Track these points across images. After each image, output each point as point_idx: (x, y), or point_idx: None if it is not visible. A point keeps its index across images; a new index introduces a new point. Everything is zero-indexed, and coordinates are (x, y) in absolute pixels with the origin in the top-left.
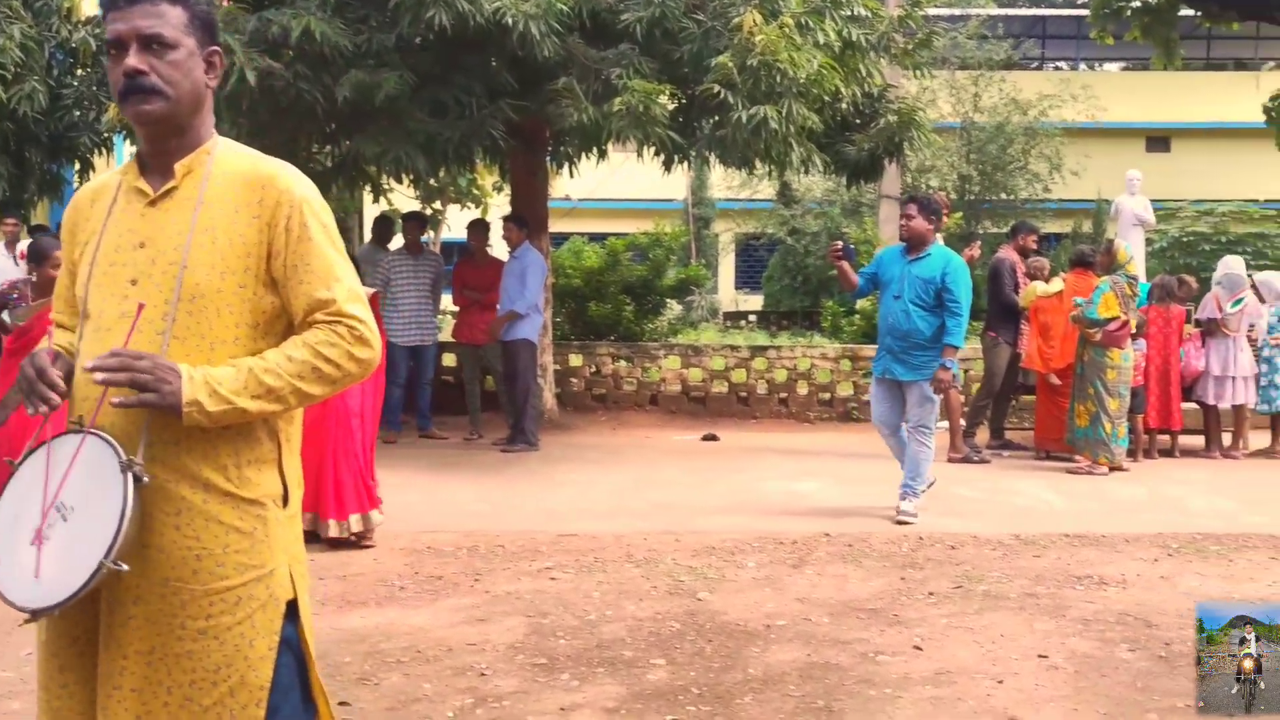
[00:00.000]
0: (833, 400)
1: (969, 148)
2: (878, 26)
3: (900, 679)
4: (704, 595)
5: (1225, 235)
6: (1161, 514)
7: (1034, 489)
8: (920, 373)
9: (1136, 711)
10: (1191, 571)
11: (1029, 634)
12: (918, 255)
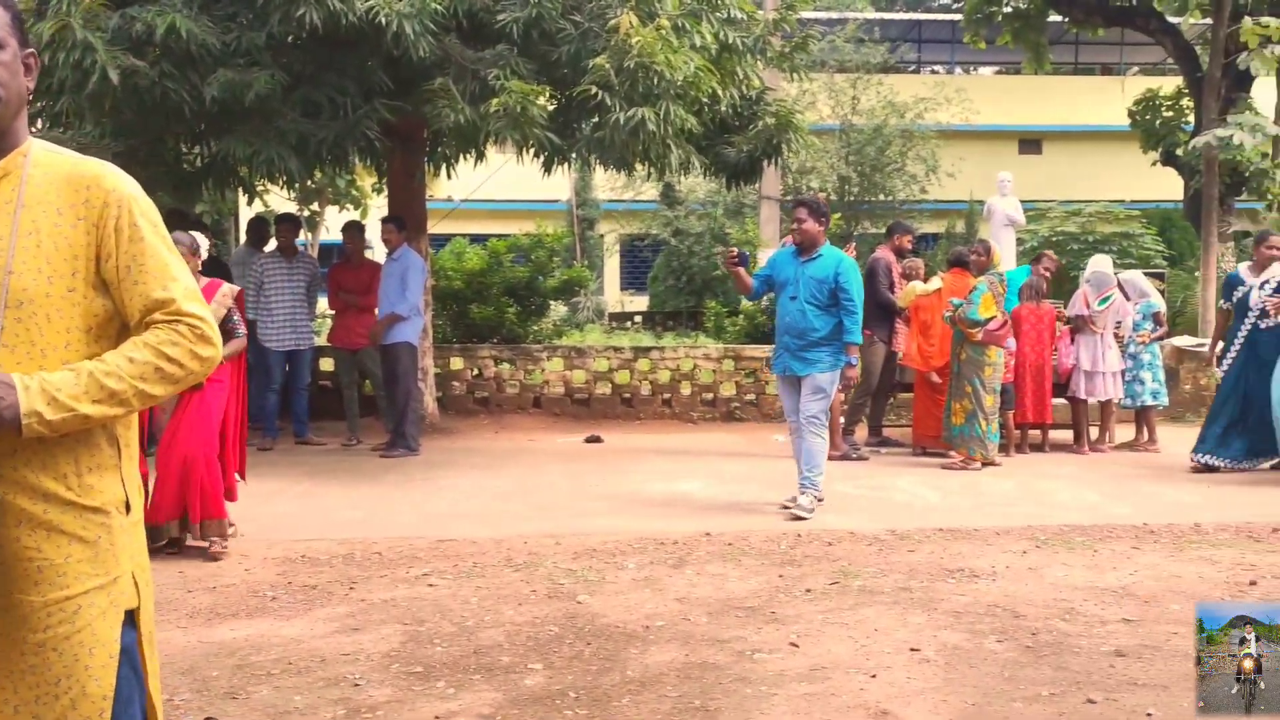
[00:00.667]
0: (715, 400)
1: (848, 149)
2: (754, 29)
3: (776, 676)
4: (584, 598)
5: (1092, 235)
6: (1031, 507)
7: (910, 485)
8: (814, 367)
9: (1003, 701)
10: (1058, 562)
11: (902, 628)
12: (810, 256)
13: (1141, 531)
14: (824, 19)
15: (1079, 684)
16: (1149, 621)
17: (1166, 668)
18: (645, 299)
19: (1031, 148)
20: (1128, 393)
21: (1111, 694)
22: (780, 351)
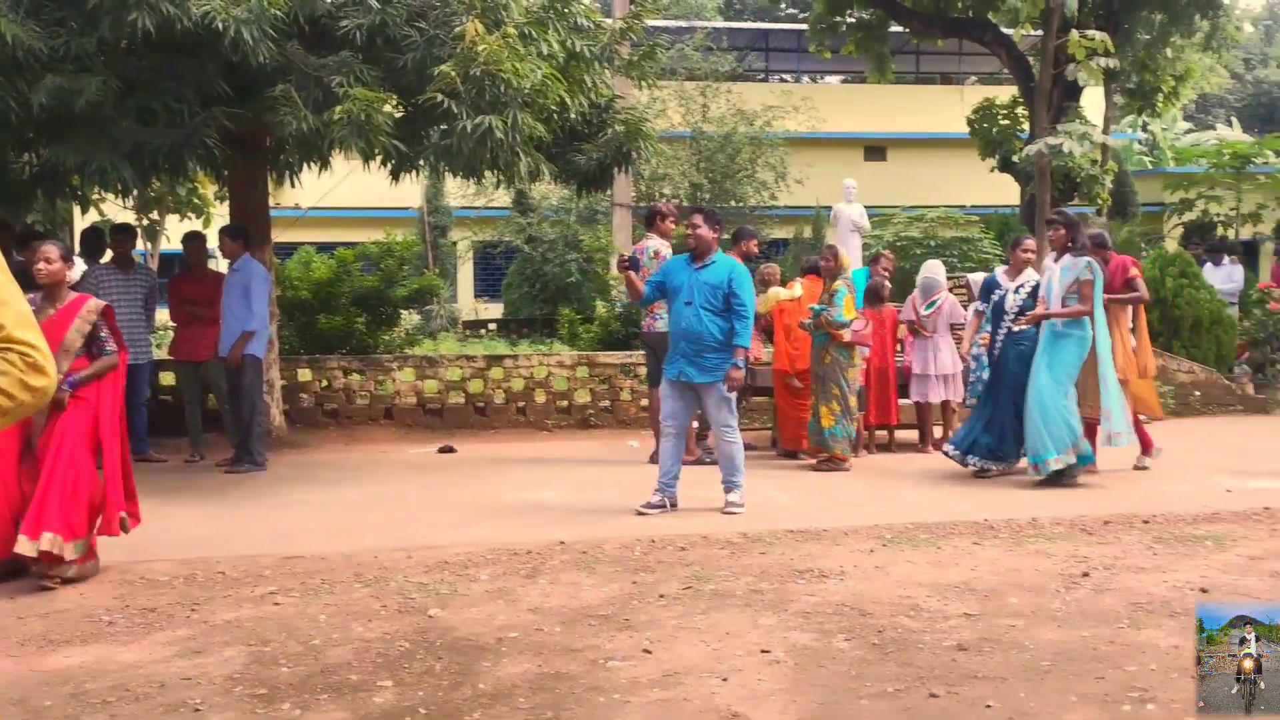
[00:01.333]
0: (570, 408)
1: (699, 157)
2: (601, 38)
3: (629, 683)
4: (435, 612)
5: (934, 239)
6: (878, 507)
7: (762, 487)
8: (714, 374)
9: (850, 699)
10: (903, 560)
11: (754, 630)
12: (704, 263)
13: (982, 527)
14: (672, 27)
15: (923, 679)
16: (989, 615)
17: (1005, 659)
18: (500, 307)
19: (877, 155)
20: (971, 393)
21: (953, 687)
22: (676, 357)
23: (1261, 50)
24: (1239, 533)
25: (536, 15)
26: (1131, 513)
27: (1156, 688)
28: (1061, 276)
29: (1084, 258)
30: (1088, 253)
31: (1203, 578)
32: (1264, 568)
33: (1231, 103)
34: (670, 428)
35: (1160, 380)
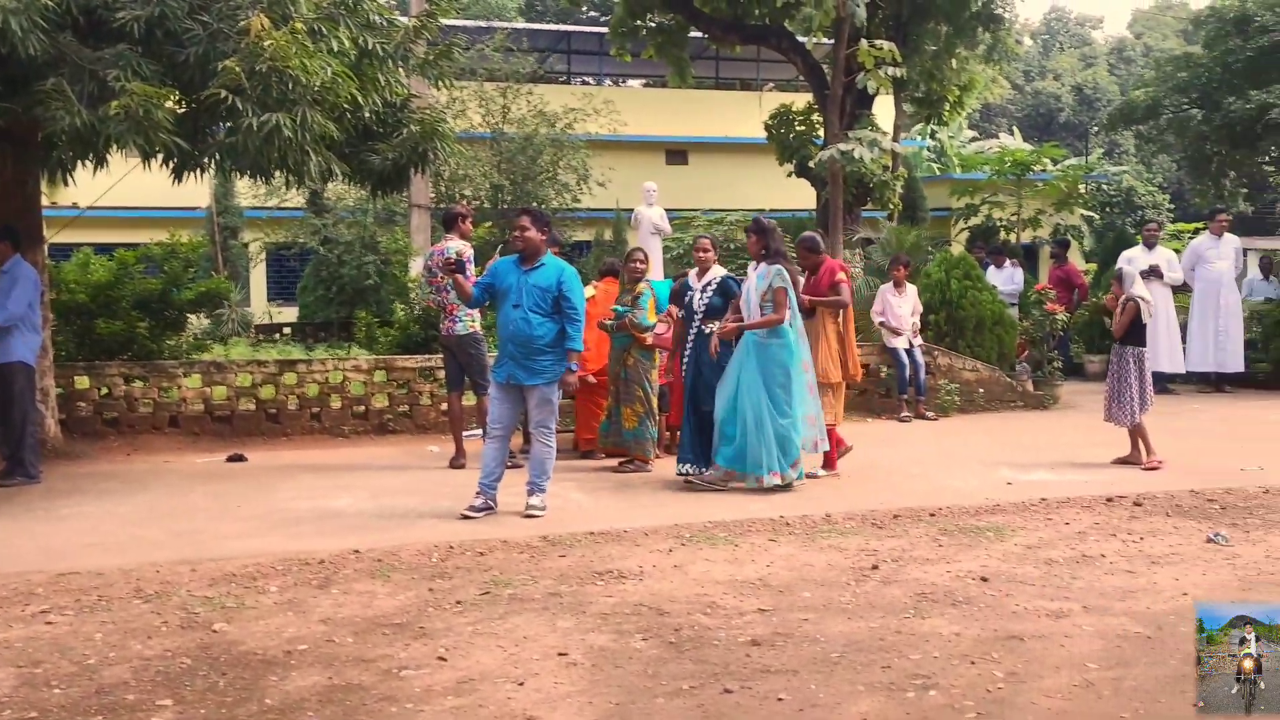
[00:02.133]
0: (368, 413)
1: (500, 158)
2: (394, 35)
3: (423, 692)
4: (220, 626)
5: (734, 242)
6: (678, 506)
7: (564, 490)
8: (542, 377)
9: (646, 698)
10: (701, 558)
11: (551, 633)
12: (533, 265)
13: (779, 524)
14: (471, 27)
15: (717, 675)
16: (783, 610)
17: (797, 653)
18: (295, 310)
19: (678, 158)
20: None
21: (747, 682)
22: (504, 360)
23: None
24: (1018, 523)
25: (326, 11)
26: (920, 506)
27: (938, 675)
28: (757, 285)
29: (776, 265)
30: (781, 259)
31: (983, 567)
32: (1039, 556)
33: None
34: (497, 430)
35: (946, 379)
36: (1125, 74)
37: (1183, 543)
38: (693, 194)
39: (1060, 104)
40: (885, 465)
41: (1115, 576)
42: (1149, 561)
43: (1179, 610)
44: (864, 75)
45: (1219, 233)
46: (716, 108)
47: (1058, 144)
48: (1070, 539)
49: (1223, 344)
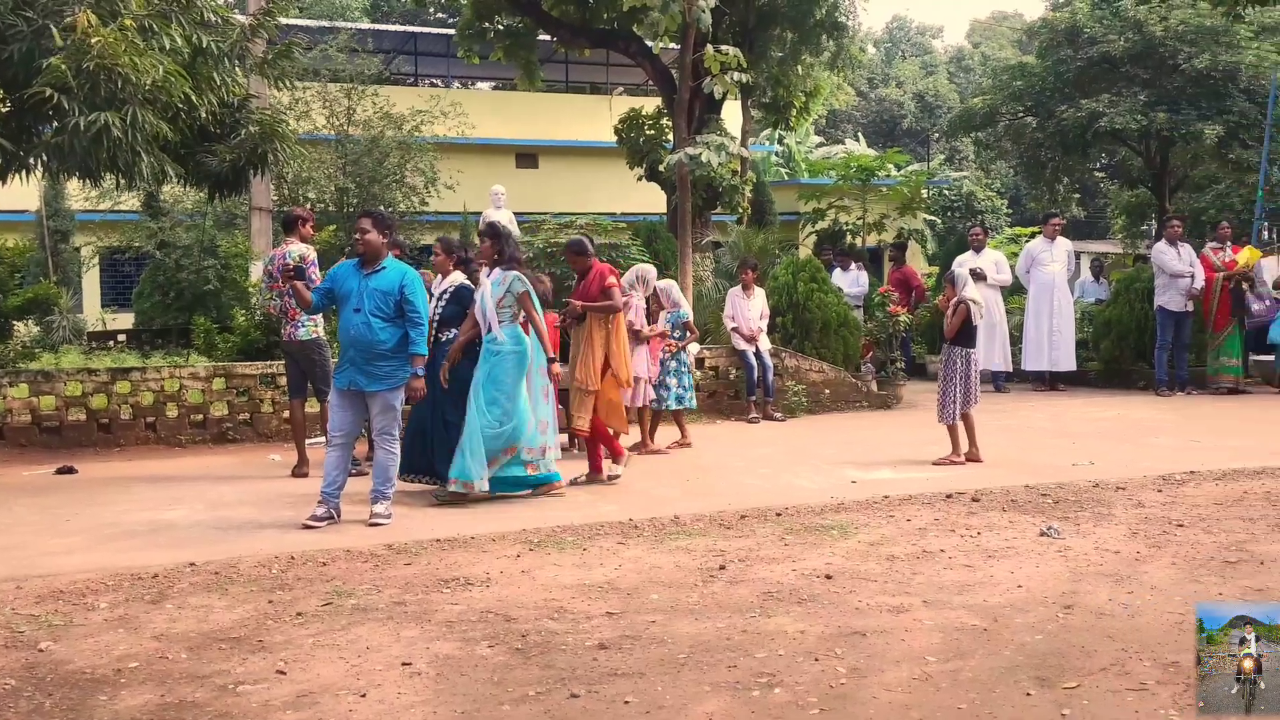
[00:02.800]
0: (206, 422)
1: (345, 160)
2: (230, 34)
3: (260, 708)
4: (47, 645)
5: None
6: (527, 511)
7: (411, 497)
8: (384, 383)
9: (492, 705)
10: (550, 563)
11: (395, 643)
12: (374, 269)
13: (627, 527)
14: (314, 27)
15: (564, 680)
16: (630, 613)
17: (645, 655)
18: (131, 316)
19: (528, 162)
20: (660, 397)
21: (594, 686)
22: (345, 365)
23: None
24: (862, 520)
25: (158, 8)
26: (767, 506)
27: (783, 672)
28: (493, 291)
29: (513, 271)
30: (517, 265)
31: (827, 565)
32: (882, 552)
33: (858, 119)
34: (338, 437)
35: (794, 380)
36: (964, 82)
37: (1018, 536)
38: (543, 197)
39: (903, 111)
40: (733, 466)
41: (954, 571)
42: (986, 555)
43: (1014, 602)
44: (711, 80)
45: (1052, 236)
46: (566, 111)
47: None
48: (911, 535)
49: (1056, 344)
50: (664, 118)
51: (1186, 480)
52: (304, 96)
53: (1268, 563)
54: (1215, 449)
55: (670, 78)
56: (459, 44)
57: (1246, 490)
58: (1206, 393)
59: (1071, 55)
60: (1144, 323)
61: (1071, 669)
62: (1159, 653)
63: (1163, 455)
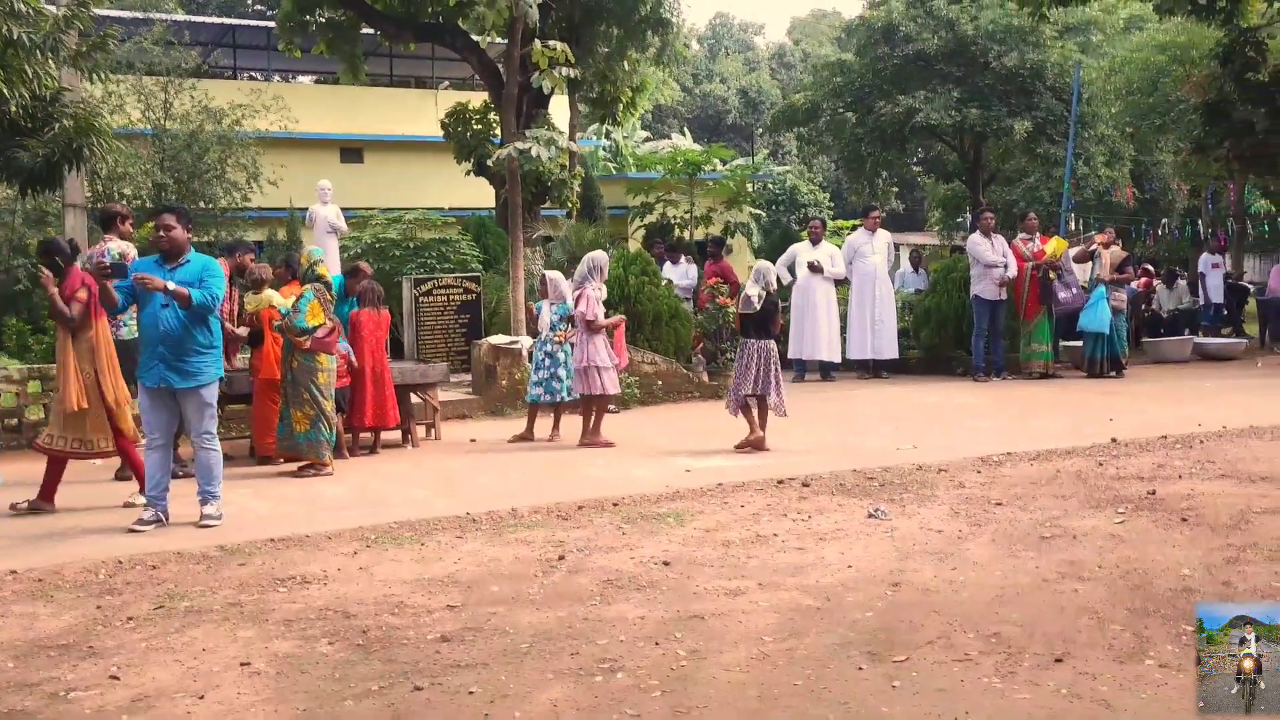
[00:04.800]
0: (21, 426)
1: (163, 155)
2: (43, 25)
3: (94, 713)
4: None
5: (413, 241)
6: (362, 508)
7: (241, 497)
8: (197, 379)
9: (334, 702)
10: (388, 559)
11: (232, 643)
12: (178, 263)
13: (465, 521)
14: (128, 18)
15: (407, 674)
16: (471, 605)
17: (487, 646)
18: None
19: (353, 156)
20: (546, 389)
21: (437, 679)
22: (154, 363)
23: (707, 67)
24: (696, 508)
25: None
26: (604, 497)
27: (625, 657)
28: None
29: None
30: None
31: (665, 552)
32: (717, 538)
33: (683, 114)
34: (156, 438)
35: (626, 372)
36: (786, 78)
37: (847, 519)
38: (370, 192)
39: (727, 106)
40: (569, 458)
41: (787, 554)
42: (817, 538)
43: (845, 582)
44: (540, 75)
45: (873, 228)
46: (391, 105)
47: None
48: (745, 521)
49: (879, 333)
50: (491, 112)
51: (1003, 461)
52: (119, 90)
53: (1080, 537)
54: (1028, 431)
55: (497, 72)
56: (280, 37)
57: (1059, 469)
58: (1020, 378)
59: (889, 53)
60: (961, 311)
61: (901, 643)
62: (982, 625)
63: (980, 437)
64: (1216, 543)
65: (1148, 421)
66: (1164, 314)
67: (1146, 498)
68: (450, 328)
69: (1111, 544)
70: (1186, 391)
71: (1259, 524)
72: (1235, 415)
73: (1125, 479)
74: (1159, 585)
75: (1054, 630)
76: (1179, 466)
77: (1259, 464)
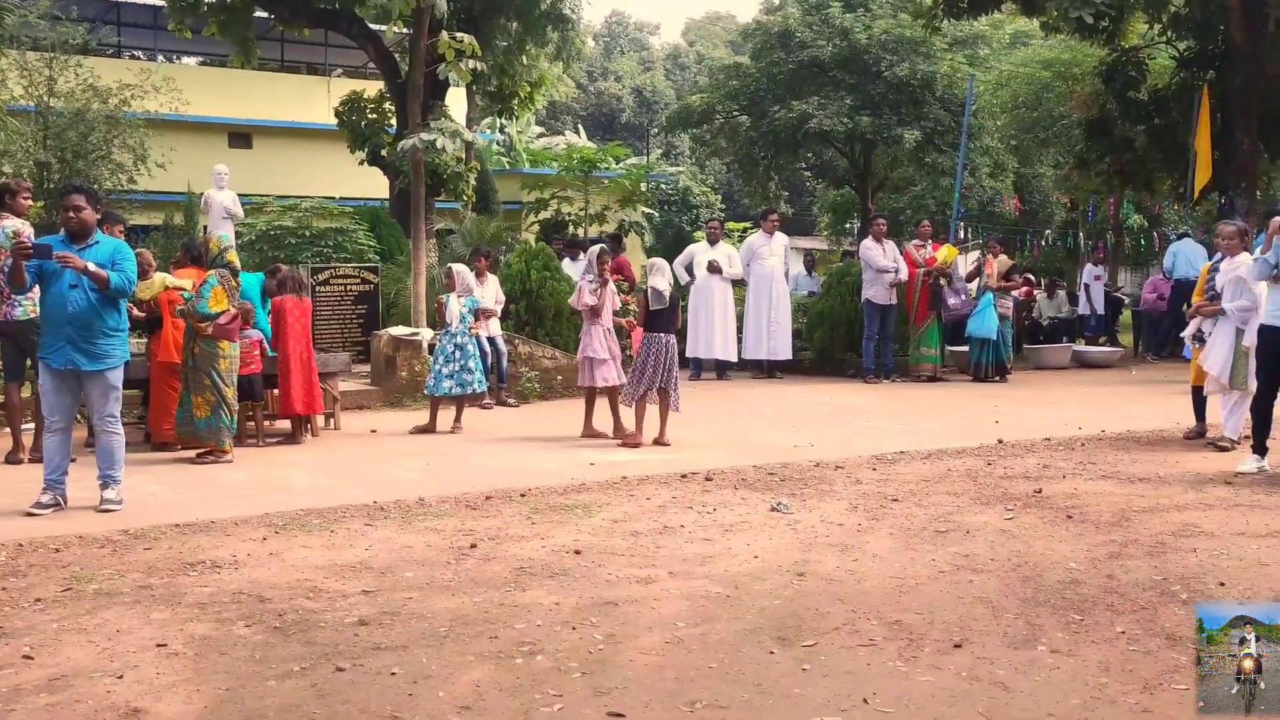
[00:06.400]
0: None
1: (46, 134)
2: None
3: (11, 692)
4: None
5: (309, 230)
6: (268, 495)
7: (141, 483)
8: (104, 361)
9: (256, 681)
10: (298, 545)
11: (146, 625)
12: (87, 243)
13: (373, 509)
14: None
15: (328, 655)
16: (387, 590)
17: (406, 629)
18: None
19: (242, 142)
20: (458, 381)
21: (358, 660)
22: (60, 344)
23: (602, 64)
24: (604, 500)
25: None
26: (511, 488)
27: (543, 641)
28: None
29: None
30: None
31: (575, 541)
32: (626, 529)
33: (577, 111)
34: (57, 421)
35: (527, 366)
36: (680, 79)
37: (750, 512)
38: (259, 179)
39: (621, 105)
40: (473, 450)
41: (695, 544)
42: (723, 530)
43: (752, 571)
44: (446, 67)
45: (771, 231)
46: (283, 91)
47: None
48: (652, 513)
49: (774, 334)
50: (386, 101)
51: (897, 459)
52: (2, 64)
53: (973, 532)
54: (920, 431)
55: (393, 61)
56: (170, 16)
57: (950, 468)
58: (909, 380)
59: (784, 58)
60: (854, 315)
61: (808, 629)
62: (884, 613)
63: (874, 437)
64: (1099, 538)
65: (1032, 424)
66: (1044, 322)
67: (1034, 496)
68: (348, 318)
69: (1003, 538)
70: (1067, 397)
71: (1138, 521)
72: (1113, 420)
73: (1013, 478)
74: (1048, 577)
75: (952, 618)
76: (1063, 467)
77: (1136, 465)
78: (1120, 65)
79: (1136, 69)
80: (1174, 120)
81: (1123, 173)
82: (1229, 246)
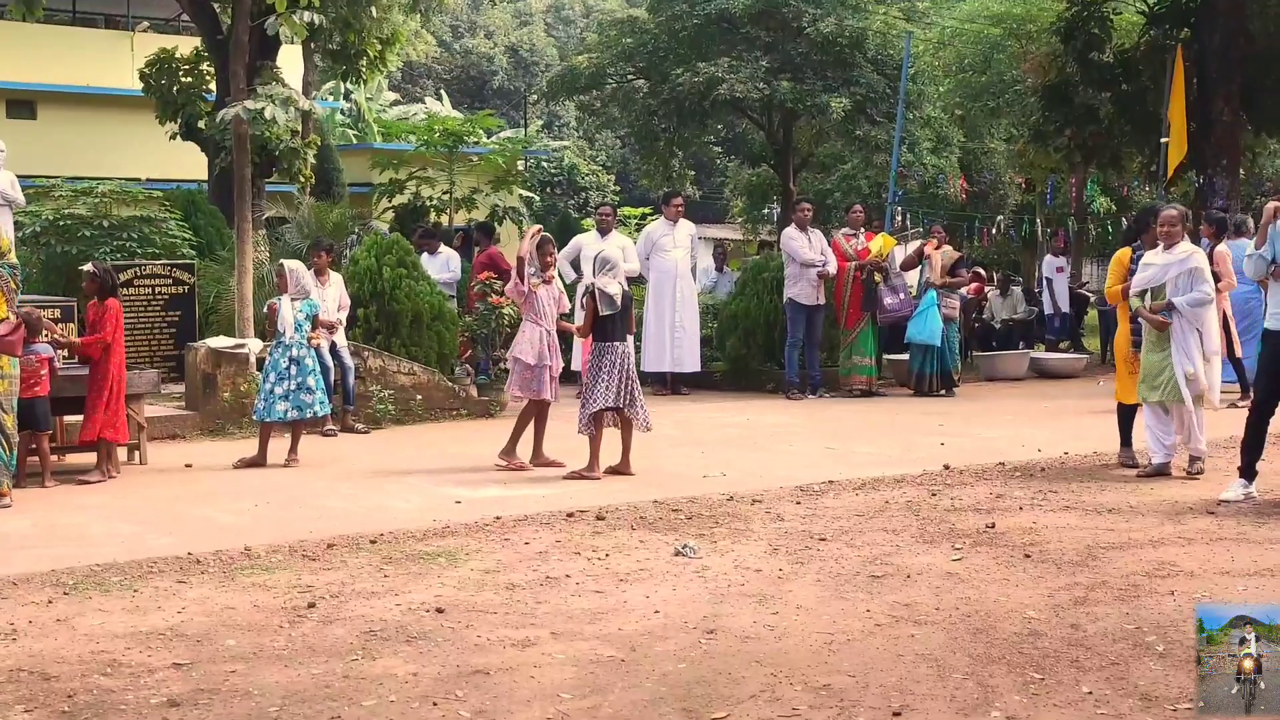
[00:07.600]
0: None
1: None
2: None
3: None
4: None
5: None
6: (57, 547)
7: None
8: None
9: None
10: (93, 609)
11: None
12: None
13: (187, 562)
14: None
15: None
16: (203, 662)
17: (227, 710)
18: None
19: (23, 110)
20: (294, 404)
21: None
22: None
23: (469, 18)
24: (473, 546)
25: None
26: (358, 533)
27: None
28: None
29: None
30: None
31: (437, 597)
32: (499, 580)
33: (440, 74)
34: None
35: (379, 384)
36: (565, 36)
37: (651, 557)
38: (45, 157)
39: (493, 66)
40: (311, 487)
41: (583, 598)
42: (617, 579)
43: (652, 629)
44: (275, 20)
45: (674, 218)
46: (75, 48)
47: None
48: (531, 560)
49: (679, 341)
50: (204, 62)
51: (825, 490)
52: None
53: (914, 575)
54: (852, 456)
55: (213, 13)
56: None
57: (888, 500)
58: (839, 395)
59: (687, 11)
60: (773, 318)
61: (719, 698)
62: (810, 676)
63: (798, 463)
64: (1063, 581)
65: (984, 446)
66: (996, 324)
67: (985, 531)
68: (156, 327)
69: (949, 583)
70: (1025, 413)
71: (1107, 560)
72: (1078, 440)
73: (961, 511)
74: (1003, 628)
75: (890, 680)
76: (1019, 497)
77: (1105, 494)
78: (1081, 21)
79: (1100, 26)
80: (1144, 86)
81: (1085, 147)
82: (1170, 234)
